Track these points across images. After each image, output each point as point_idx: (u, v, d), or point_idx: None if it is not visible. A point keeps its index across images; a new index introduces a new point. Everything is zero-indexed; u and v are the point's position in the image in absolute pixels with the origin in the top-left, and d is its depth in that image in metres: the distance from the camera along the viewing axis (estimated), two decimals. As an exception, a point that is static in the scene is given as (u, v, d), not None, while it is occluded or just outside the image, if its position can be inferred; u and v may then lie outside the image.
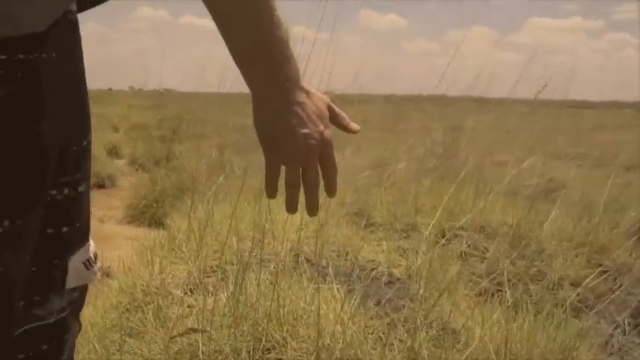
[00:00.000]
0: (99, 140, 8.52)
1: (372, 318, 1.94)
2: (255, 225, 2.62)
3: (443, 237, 3.07)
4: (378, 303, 2.08)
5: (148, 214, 4.33)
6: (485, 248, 2.97)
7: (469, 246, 2.97)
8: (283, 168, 0.75)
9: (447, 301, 2.28)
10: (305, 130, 0.71)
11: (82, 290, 0.65)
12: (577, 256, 2.94)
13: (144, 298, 2.10)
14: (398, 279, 2.47)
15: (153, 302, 2.07)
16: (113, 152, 7.73)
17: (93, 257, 0.64)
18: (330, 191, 0.78)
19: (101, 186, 5.87)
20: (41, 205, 0.56)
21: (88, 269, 0.63)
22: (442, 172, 3.82)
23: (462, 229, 3.09)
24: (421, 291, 2.28)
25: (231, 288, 2.04)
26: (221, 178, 2.81)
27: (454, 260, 2.77)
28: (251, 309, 1.87)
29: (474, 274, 2.72)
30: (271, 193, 0.77)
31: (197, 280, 2.25)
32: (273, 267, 2.28)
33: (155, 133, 9.37)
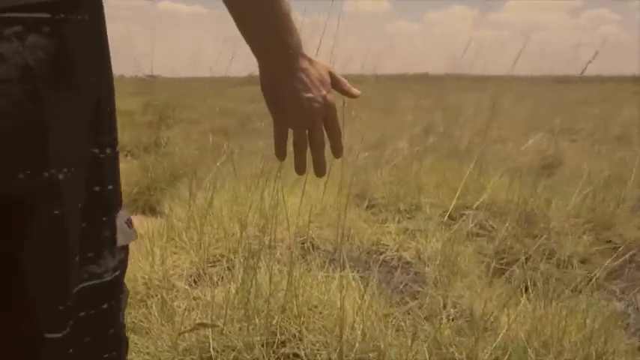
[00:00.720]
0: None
1: (390, 306, 1.82)
2: (257, 210, 2.49)
3: (449, 217, 2.97)
4: (393, 289, 1.97)
5: (140, 201, 4.16)
6: (492, 227, 2.86)
7: (476, 225, 2.86)
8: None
9: (462, 284, 2.18)
10: (309, 95, 0.74)
11: (127, 251, 0.66)
12: (584, 233, 2.85)
13: (147, 291, 1.96)
14: (408, 262, 2.36)
15: (156, 295, 1.93)
16: (100, 139, 7.47)
17: (130, 219, 0.66)
18: (337, 152, 0.80)
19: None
20: (85, 162, 0.57)
21: (130, 228, 0.65)
22: (443, 150, 3.71)
23: (468, 207, 2.98)
24: (435, 275, 2.17)
25: (240, 278, 1.91)
26: (218, 163, 2.67)
27: (462, 241, 2.66)
28: (263, 301, 1.75)
29: (483, 254, 2.61)
30: (281, 155, 0.81)
31: (201, 271, 2.12)
32: (280, 254, 2.16)
33: (141, 119, 9.11)
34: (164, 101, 12.47)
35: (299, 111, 0.76)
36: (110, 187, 0.62)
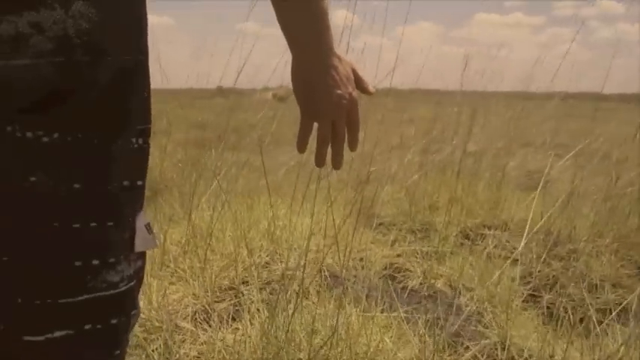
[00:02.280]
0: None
1: (449, 354, 1.51)
2: (265, 233, 2.15)
3: (465, 237, 2.68)
4: (440, 327, 1.65)
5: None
6: (514, 248, 2.59)
7: (496, 246, 2.58)
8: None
9: (503, 315, 1.89)
10: (338, 91, 0.76)
11: (143, 262, 0.59)
12: (611, 254, 2.60)
13: (145, 334, 1.60)
14: (438, 291, 2.06)
15: (157, 340, 1.58)
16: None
17: (150, 225, 0.58)
18: (353, 146, 0.81)
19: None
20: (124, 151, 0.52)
21: (150, 233, 0.57)
22: (442, 165, 3.43)
23: (485, 226, 2.70)
24: (473, 307, 1.87)
25: (258, 317, 1.57)
26: (217, 179, 2.32)
27: (484, 262, 2.38)
28: (293, 347, 1.41)
29: (510, 279, 2.33)
30: (302, 147, 0.82)
31: (207, 307, 1.77)
32: (298, 286, 1.82)
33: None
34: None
35: (328, 106, 0.77)
36: (139, 182, 0.56)
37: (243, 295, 1.79)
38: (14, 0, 0.44)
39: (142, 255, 0.59)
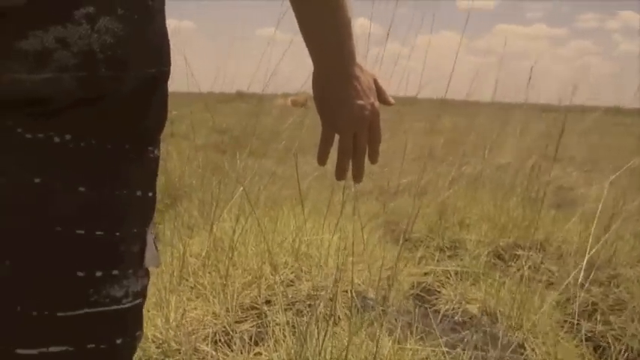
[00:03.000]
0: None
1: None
2: (289, 248, 2.02)
3: (497, 257, 2.53)
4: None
5: (134, 223, 3.65)
6: (550, 271, 2.43)
7: (530, 268, 2.43)
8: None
9: (544, 347, 1.74)
10: (360, 102, 0.74)
11: (149, 278, 0.54)
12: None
13: (163, 358, 1.48)
14: (473, 316, 1.91)
15: (175, 364, 1.45)
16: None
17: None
18: (374, 158, 0.79)
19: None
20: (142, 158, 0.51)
21: (156, 250, 0.54)
22: (472, 179, 3.27)
23: (518, 246, 2.55)
24: (513, 337, 1.73)
25: (284, 343, 1.44)
26: (241, 189, 2.19)
27: (519, 286, 2.22)
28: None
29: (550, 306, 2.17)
30: (322, 159, 0.80)
31: (228, 328, 1.64)
32: (326, 308, 1.69)
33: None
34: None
35: (350, 117, 0.75)
36: (150, 194, 0.52)
37: (266, 317, 1.66)
38: (41, 15, 0.44)
39: (148, 272, 0.55)
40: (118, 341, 0.50)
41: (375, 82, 0.78)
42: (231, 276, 1.86)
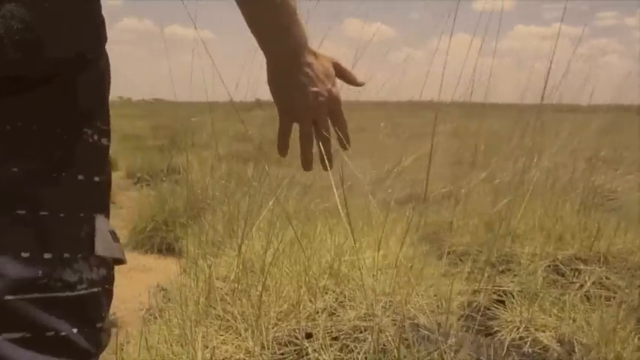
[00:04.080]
0: (92, 151, 7.55)
1: None
2: (326, 268, 1.77)
3: (556, 272, 2.25)
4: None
5: (156, 238, 3.44)
6: (618, 287, 2.14)
7: (595, 284, 2.14)
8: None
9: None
10: (314, 89, 0.72)
11: (109, 272, 0.53)
12: None
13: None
14: (545, 348, 1.63)
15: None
16: (108, 164, 6.73)
17: (117, 235, 0.55)
18: (343, 144, 0.78)
19: (97, 203, 4.92)
20: (79, 143, 0.51)
21: (115, 242, 0.54)
22: (515, 185, 2.98)
23: (579, 260, 2.26)
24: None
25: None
26: (270, 203, 1.95)
27: (590, 306, 1.94)
28: None
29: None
30: (283, 150, 0.79)
31: (264, 368, 1.39)
32: (378, 344, 1.43)
33: (152, 143, 8.40)
34: (171, 124, 11.78)
35: (305, 105, 0.73)
36: (96, 179, 0.52)
37: (307, 354, 1.41)
38: None
39: (107, 263, 0.53)
40: (75, 330, 0.48)
41: (337, 65, 0.75)
42: (264, 303, 1.61)
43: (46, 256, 0.46)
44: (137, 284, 2.91)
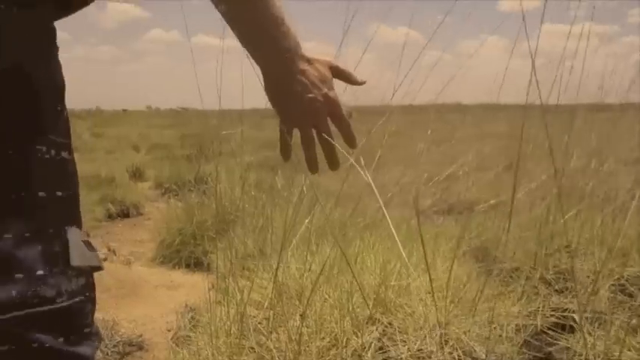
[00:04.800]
0: (120, 162, 7.48)
1: None
2: (369, 293, 1.57)
3: (622, 292, 2.02)
4: None
5: (184, 252, 3.29)
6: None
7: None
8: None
9: None
10: (310, 95, 0.72)
11: (89, 280, 0.54)
12: None
13: None
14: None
15: None
16: (137, 175, 6.64)
17: (92, 244, 0.56)
18: (350, 143, 0.78)
19: (125, 215, 4.80)
20: (33, 159, 0.50)
21: (90, 250, 0.55)
22: (568, 191, 2.74)
23: (645, 277, 2.02)
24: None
25: None
26: (306, 221, 1.76)
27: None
28: None
29: None
30: (285, 155, 0.79)
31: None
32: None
33: (179, 152, 8.31)
34: (199, 133, 11.72)
35: (301, 112, 0.73)
36: (59, 193, 0.52)
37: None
38: None
39: (84, 272, 0.53)
40: (61, 339, 0.50)
41: (335, 68, 0.75)
42: (303, 335, 1.42)
43: (17, 276, 0.47)
44: (164, 303, 2.76)
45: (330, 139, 0.75)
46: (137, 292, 2.89)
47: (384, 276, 1.52)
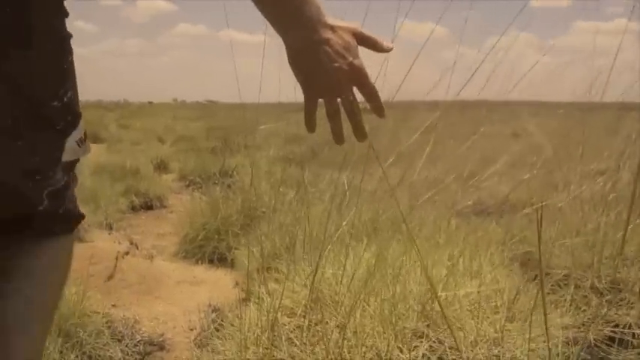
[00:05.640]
0: (145, 154, 7.40)
1: None
2: (414, 304, 1.41)
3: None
4: None
5: (208, 247, 3.16)
6: None
7: None
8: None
9: None
10: (335, 64, 0.70)
11: (74, 164, 0.70)
12: None
13: None
14: None
15: None
16: (161, 167, 6.54)
17: (84, 136, 0.69)
18: (379, 112, 0.75)
19: (149, 207, 4.69)
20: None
21: (80, 147, 0.68)
22: (600, 195, 2.54)
23: None
24: None
25: None
26: (344, 223, 1.61)
27: None
28: None
29: None
30: (310, 126, 0.77)
31: None
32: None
33: (204, 144, 8.20)
34: (224, 126, 11.61)
35: (326, 82, 0.71)
36: (55, 103, 0.63)
37: None
38: None
39: (72, 161, 0.69)
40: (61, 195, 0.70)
41: (360, 34, 0.72)
42: (341, 348, 1.26)
43: (38, 177, 0.64)
44: (187, 300, 2.62)
45: (356, 109, 0.72)
46: (159, 288, 2.76)
47: (430, 285, 1.35)
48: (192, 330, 2.33)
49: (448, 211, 2.08)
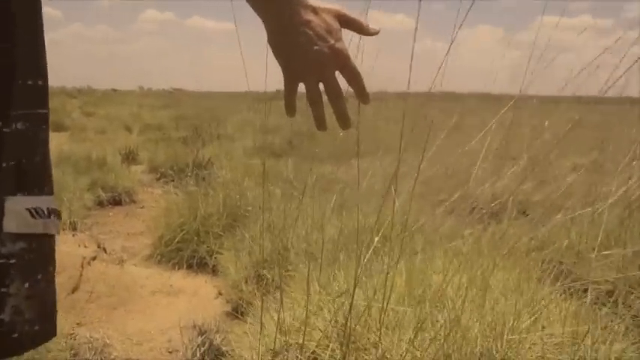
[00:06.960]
0: (112, 143, 6.93)
1: None
2: (431, 328, 1.11)
3: None
4: None
5: (186, 251, 2.81)
6: None
7: None
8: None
9: None
10: (315, 47, 0.67)
11: (31, 247, 0.56)
12: None
13: None
14: None
15: None
16: (129, 157, 6.08)
17: (46, 211, 0.57)
18: (362, 97, 0.71)
19: (117, 202, 4.28)
20: None
21: (34, 218, 0.56)
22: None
23: None
24: None
25: None
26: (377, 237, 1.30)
27: None
28: None
29: None
30: (290, 110, 0.73)
31: None
32: None
33: (174, 134, 7.75)
34: (193, 115, 11.14)
35: (307, 65, 0.68)
36: (4, 164, 0.54)
37: None
38: None
39: (24, 237, 0.55)
40: None
41: (342, 16, 0.68)
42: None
43: None
44: (164, 314, 2.28)
45: (338, 93, 0.69)
46: (131, 300, 2.41)
47: (488, 322, 1.06)
48: (171, 353, 2.00)
49: (467, 216, 1.80)
